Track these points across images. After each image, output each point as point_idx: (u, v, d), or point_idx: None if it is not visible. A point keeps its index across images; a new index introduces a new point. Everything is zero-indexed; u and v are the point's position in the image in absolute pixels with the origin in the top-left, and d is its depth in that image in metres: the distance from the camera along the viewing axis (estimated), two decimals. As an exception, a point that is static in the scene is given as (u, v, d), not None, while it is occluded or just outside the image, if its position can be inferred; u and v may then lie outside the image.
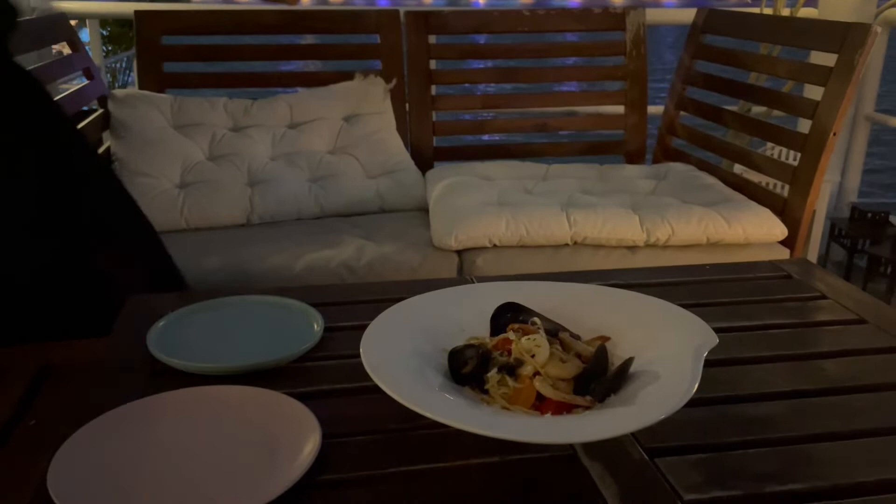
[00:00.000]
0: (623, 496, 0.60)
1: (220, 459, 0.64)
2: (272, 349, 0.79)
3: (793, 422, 0.71)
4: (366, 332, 0.72)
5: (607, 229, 1.65)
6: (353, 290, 0.97)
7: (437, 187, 1.82)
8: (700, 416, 0.71)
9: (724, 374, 0.80)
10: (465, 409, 0.66)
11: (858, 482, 0.62)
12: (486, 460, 0.65)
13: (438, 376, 0.71)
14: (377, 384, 0.64)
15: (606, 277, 0.97)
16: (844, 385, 0.77)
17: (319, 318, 0.86)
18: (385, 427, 0.69)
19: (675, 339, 0.73)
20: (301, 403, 0.68)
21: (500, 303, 0.80)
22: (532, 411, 0.66)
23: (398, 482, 0.63)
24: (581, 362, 0.71)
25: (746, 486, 0.61)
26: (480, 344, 0.74)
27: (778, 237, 1.71)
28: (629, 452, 0.66)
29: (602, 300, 0.83)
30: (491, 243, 1.62)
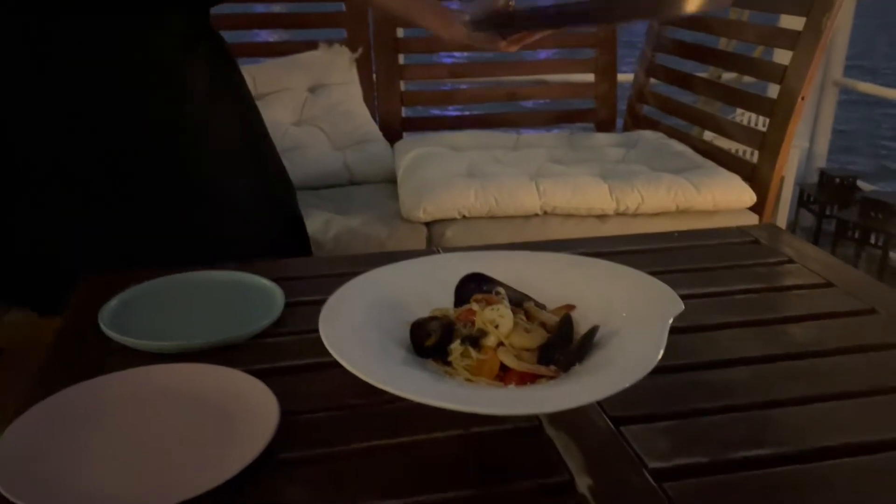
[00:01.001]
0: (588, 465, 0.59)
1: (174, 439, 0.62)
2: (231, 325, 0.77)
3: (759, 387, 0.70)
4: (325, 305, 0.70)
5: (577, 198, 1.64)
6: (316, 264, 0.94)
7: (405, 158, 1.79)
8: (666, 384, 0.70)
9: (690, 340, 0.79)
10: (426, 382, 0.64)
11: (824, 446, 0.62)
12: (450, 433, 0.63)
13: (400, 350, 0.69)
14: (336, 359, 0.62)
15: (574, 246, 0.95)
16: (811, 349, 0.77)
17: (280, 294, 0.83)
18: (345, 403, 0.67)
19: (640, 306, 0.72)
20: (259, 380, 0.66)
21: (464, 273, 0.78)
22: (496, 382, 0.65)
23: (359, 458, 0.61)
24: (546, 332, 0.70)
25: (712, 453, 0.61)
26: (444, 316, 0.72)
27: (747, 203, 1.72)
28: (594, 421, 0.65)
29: (568, 269, 0.82)
30: (460, 215, 1.61)
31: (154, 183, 0.98)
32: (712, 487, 0.57)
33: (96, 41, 0.92)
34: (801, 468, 0.59)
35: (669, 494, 0.56)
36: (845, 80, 2.85)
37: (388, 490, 0.57)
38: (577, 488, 0.57)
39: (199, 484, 0.55)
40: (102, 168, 0.95)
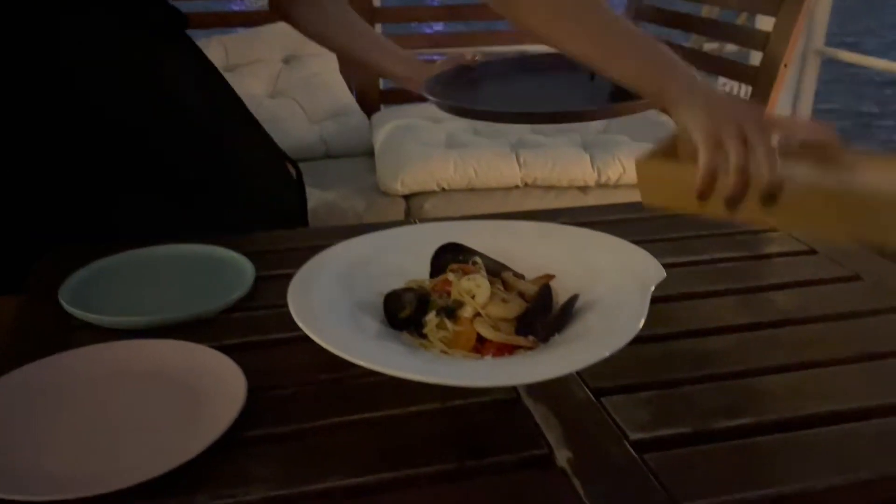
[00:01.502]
0: (567, 437, 0.57)
1: (137, 417, 0.59)
2: (199, 300, 0.74)
3: (742, 355, 0.69)
4: (294, 278, 0.68)
5: (558, 170, 1.62)
6: (288, 236, 0.92)
7: (382, 131, 1.76)
8: (648, 353, 0.69)
9: (673, 309, 0.77)
10: (401, 355, 0.62)
11: (809, 414, 0.61)
12: (425, 407, 0.61)
13: (374, 322, 0.67)
14: (306, 333, 0.60)
15: (554, 216, 0.93)
16: (794, 317, 0.76)
17: (250, 267, 0.81)
18: (317, 378, 0.65)
19: (621, 274, 0.70)
20: (225, 356, 0.64)
21: (440, 243, 0.75)
22: (472, 354, 0.63)
23: (331, 433, 0.59)
24: (524, 302, 0.68)
25: (694, 423, 0.59)
26: (419, 287, 0.70)
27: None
28: (574, 393, 0.63)
29: (547, 238, 0.80)
30: (439, 187, 1.58)
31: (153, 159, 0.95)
32: (694, 458, 0.56)
33: (84, 42, 0.89)
34: (784, 437, 0.58)
35: (651, 466, 0.55)
36: (827, 50, 2.83)
37: (361, 467, 0.55)
38: (556, 461, 0.55)
39: (162, 463, 0.53)
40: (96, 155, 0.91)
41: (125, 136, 0.91)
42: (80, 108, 0.89)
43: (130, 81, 0.92)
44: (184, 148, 0.95)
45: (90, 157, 0.90)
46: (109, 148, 0.90)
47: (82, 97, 0.88)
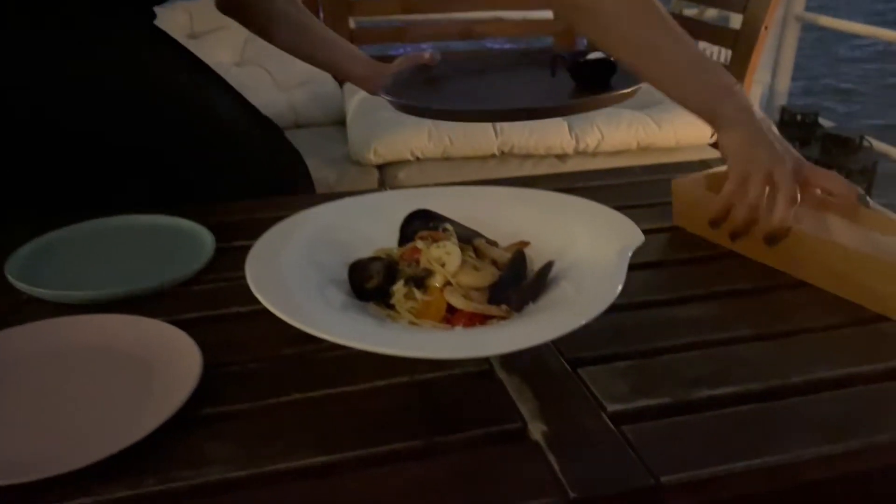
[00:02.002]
0: (542, 410, 0.55)
1: (87, 395, 0.56)
2: (155, 273, 0.70)
3: (723, 323, 0.66)
4: (253, 247, 0.64)
5: (535, 138, 1.58)
6: (251, 206, 0.87)
7: (355, 98, 1.71)
8: (627, 322, 0.66)
9: (652, 276, 0.75)
10: (366, 327, 0.59)
11: (793, 382, 0.58)
12: (393, 381, 0.58)
13: (340, 294, 0.63)
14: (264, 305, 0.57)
15: (531, 184, 0.90)
16: (775, 282, 0.73)
17: (210, 238, 0.77)
18: (279, 352, 0.61)
19: (599, 239, 0.67)
20: (180, 330, 0.60)
21: (410, 211, 0.72)
22: (442, 325, 0.60)
23: (294, 410, 0.56)
24: (497, 270, 0.65)
25: (674, 393, 0.57)
26: (387, 256, 0.67)
27: (708, 139, 1.68)
28: (550, 364, 0.60)
29: (523, 203, 0.77)
30: (413, 156, 1.54)
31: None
32: (674, 429, 0.53)
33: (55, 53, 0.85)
34: (767, 406, 0.56)
35: (629, 438, 0.52)
36: (806, 15, 2.80)
37: (326, 444, 0.52)
38: (530, 435, 0.53)
39: (111, 444, 0.49)
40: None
41: (116, 121, 0.88)
42: (68, 96, 0.85)
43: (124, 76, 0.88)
44: (179, 129, 0.92)
45: (78, 140, 0.86)
46: (101, 135, 0.87)
47: (68, 87, 0.84)
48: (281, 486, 0.49)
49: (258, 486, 0.49)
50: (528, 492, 0.48)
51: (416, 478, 0.49)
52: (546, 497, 0.47)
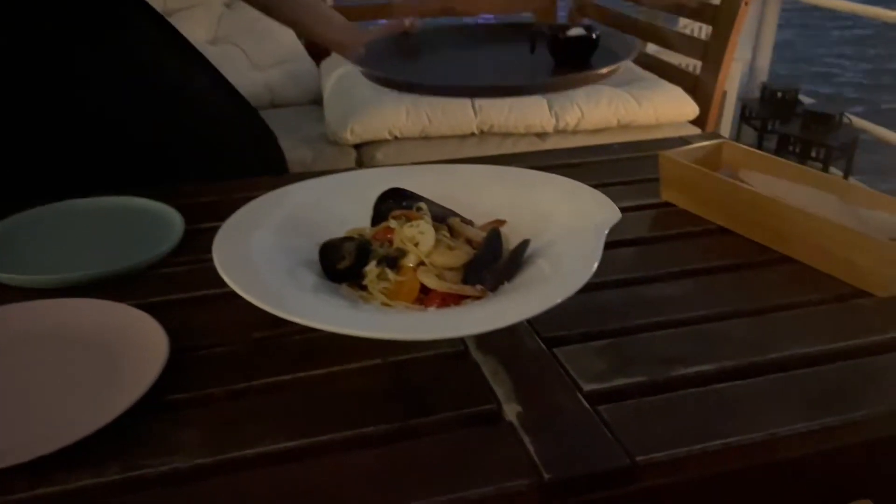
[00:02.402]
0: (517, 391, 0.54)
1: (49, 382, 0.54)
2: (122, 256, 0.68)
3: (701, 300, 0.66)
4: (221, 228, 0.62)
5: (514, 116, 1.57)
6: (223, 186, 0.85)
7: (332, 77, 1.68)
8: (604, 300, 0.65)
9: (634, 253, 0.74)
10: (338, 309, 0.58)
11: (770, 359, 0.58)
12: (366, 363, 0.57)
13: (311, 275, 0.62)
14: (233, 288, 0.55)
15: (509, 162, 0.88)
16: (758, 259, 0.73)
17: (179, 219, 0.75)
18: (249, 336, 0.60)
19: (575, 217, 0.66)
20: (145, 314, 0.59)
21: (383, 189, 0.70)
22: (415, 306, 0.59)
23: (264, 395, 0.54)
24: (472, 249, 0.64)
25: (651, 372, 0.56)
26: (359, 236, 0.65)
27: (689, 116, 1.67)
28: (526, 344, 0.59)
29: (499, 182, 0.75)
30: (391, 135, 1.52)
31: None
32: (650, 408, 0.53)
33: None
34: (745, 383, 0.55)
35: (604, 418, 0.51)
36: (787, -9, 2.79)
37: (297, 429, 0.51)
38: (504, 416, 0.52)
39: (76, 429, 0.48)
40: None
41: (91, 98, 0.85)
42: (46, 73, 0.82)
43: (96, 45, 0.85)
44: (153, 106, 0.90)
45: (57, 121, 0.84)
46: (76, 112, 0.84)
47: (47, 62, 0.82)
48: (250, 473, 0.48)
49: (227, 473, 0.48)
50: (502, 473, 0.47)
51: (388, 462, 0.48)
52: (520, 478, 0.47)
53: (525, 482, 0.46)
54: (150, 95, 0.91)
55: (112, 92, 0.88)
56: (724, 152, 0.86)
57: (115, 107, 0.88)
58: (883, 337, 0.61)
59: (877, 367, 0.58)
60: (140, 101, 0.90)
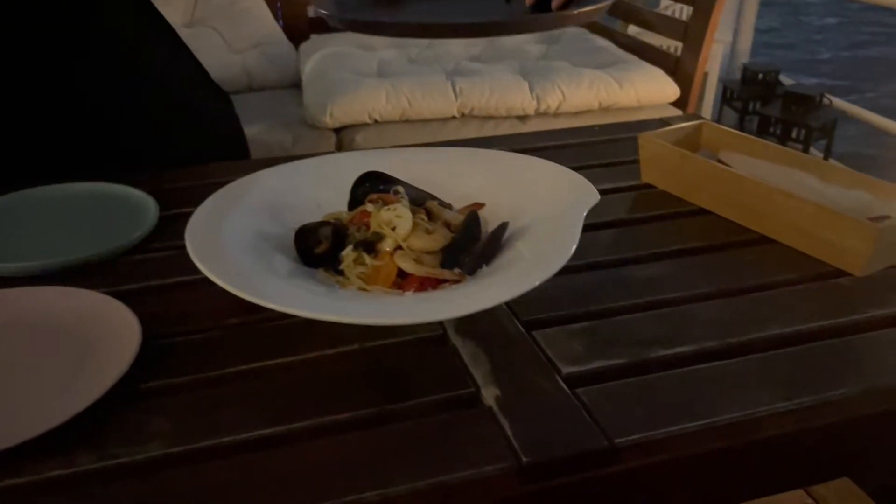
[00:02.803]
0: (496, 375, 0.53)
1: (20, 370, 0.53)
2: (94, 243, 0.67)
3: (681, 282, 0.65)
4: (195, 213, 0.61)
5: (495, 98, 1.56)
6: (198, 171, 0.84)
7: (311, 60, 1.66)
8: (583, 282, 0.65)
9: (614, 235, 0.74)
10: (314, 294, 0.57)
11: (750, 339, 0.58)
12: (344, 349, 0.57)
13: (287, 261, 0.61)
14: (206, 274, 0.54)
15: (489, 144, 0.88)
16: (738, 239, 0.72)
17: (154, 205, 0.74)
18: (225, 322, 0.59)
19: (554, 199, 0.65)
20: (118, 301, 0.58)
21: (361, 173, 0.70)
22: (393, 291, 0.58)
23: (238, 382, 0.54)
24: (450, 232, 0.63)
25: (630, 353, 0.56)
26: (336, 220, 0.64)
27: (670, 98, 1.66)
28: (505, 327, 0.59)
29: (477, 164, 0.75)
30: (371, 118, 1.50)
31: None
32: (629, 390, 0.52)
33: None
34: (724, 364, 0.55)
35: (583, 400, 0.51)
36: (768, -28, 2.78)
37: (272, 416, 0.50)
38: (483, 400, 0.51)
39: (46, 419, 0.47)
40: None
41: (46, 67, 0.83)
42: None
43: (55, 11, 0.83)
44: (111, 78, 0.87)
45: (29, 104, 0.82)
46: (28, 80, 0.82)
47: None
48: (225, 461, 0.47)
49: (201, 461, 0.47)
50: (481, 458, 0.46)
51: (366, 447, 0.48)
52: (498, 462, 0.46)
53: (503, 466, 0.46)
54: (127, 77, 0.89)
55: (87, 74, 0.86)
56: (703, 133, 0.86)
57: (90, 89, 0.86)
58: (861, 316, 0.61)
59: (855, 346, 0.58)
60: (114, 83, 0.88)
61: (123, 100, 0.89)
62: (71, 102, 0.86)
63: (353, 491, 0.44)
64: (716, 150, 0.84)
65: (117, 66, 0.89)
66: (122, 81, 0.89)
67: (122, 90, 0.89)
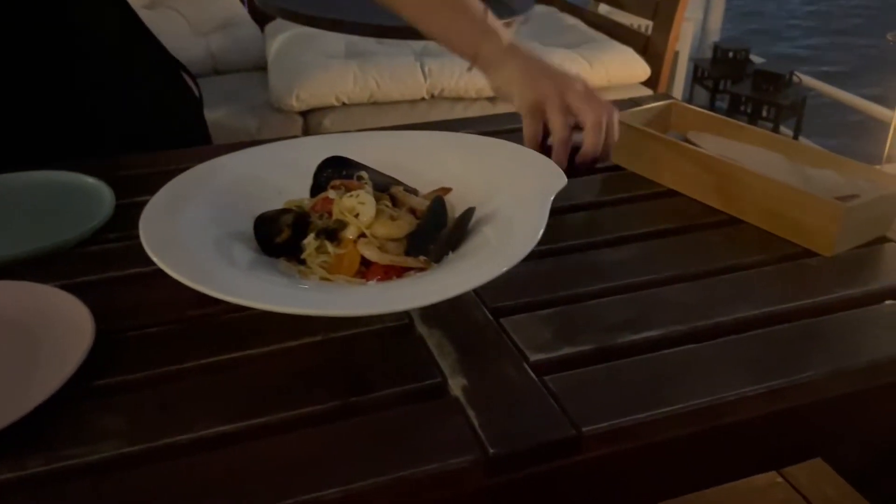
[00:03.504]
0: (463, 364, 0.52)
1: (-33, 373, 0.51)
2: (47, 234, 0.65)
3: (649, 265, 0.65)
4: (149, 202, 0.59)
5: (465, 79, 1.54)
6: (156, 158, 0.82)
7: (276, 41, 1.63)
8: (552, 268, 0.64)
9: (583, 218, 0.73)
10: (273, 285, 0.55)
11: (715, 322, 0.57)
12: (307, 340, 0.55)
13: (248, 251, 0.59)
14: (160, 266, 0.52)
15: (457, 127, 0.86)
16: (707, 220, 0.72)
17: (110, 194, 0.71)
18: (183, 315, 0.57)
19: (521, 183, 0.64)
20: (70, 295, 0.55)
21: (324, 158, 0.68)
22: (356, 280, 0.56)
23: (197, 377, 0.52)
24: (416, 219, 0.62)
25: (599, 339, 0.55)
26: (297, 207, 0.63)
27: (641, 77, 1.65)
28: (472, 315, 0.58)
29: (445, 148, 0.73)
30: (339, 101, 1.48)
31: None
32: (597, 377, 0.52)
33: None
34: (692, 348, 0.55)
35: (551, 388, 0.50)
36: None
37: (231, 412, 0.48)
38: (449, 391, 0.50)
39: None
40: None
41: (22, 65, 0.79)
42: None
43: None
44: (65, 59, 0.84)
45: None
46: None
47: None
48: (183, 460, 0.46)
49: (158, 461, 0.45)
50: (446, 450, 0.45)
51: (328, 443, 0.46)
52: (464, 455, 0.45)
53: (469, 458, 0.45)
54: (81, 57, 0.86)
55: (39, 56, 0.83)
56: (672, 113, 0.85)
57: (42, 72, 0.83)
58: (828, 297, 0.61)
59: (822, 327, 0.58)
60: (66, 65, 0.85)
61: (73, 83, 0.86)
62: (20, 85, 0.82)
63: (313, 489, 0.43)
64: (685, 130, 0.83)
65: (69, 46, 0.85)
66: (74, 62, 0.86)
67: (73, 72, 0.86)
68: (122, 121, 0.87)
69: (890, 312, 0.59)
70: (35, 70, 0.83)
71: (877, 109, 2.44)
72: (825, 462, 0.89)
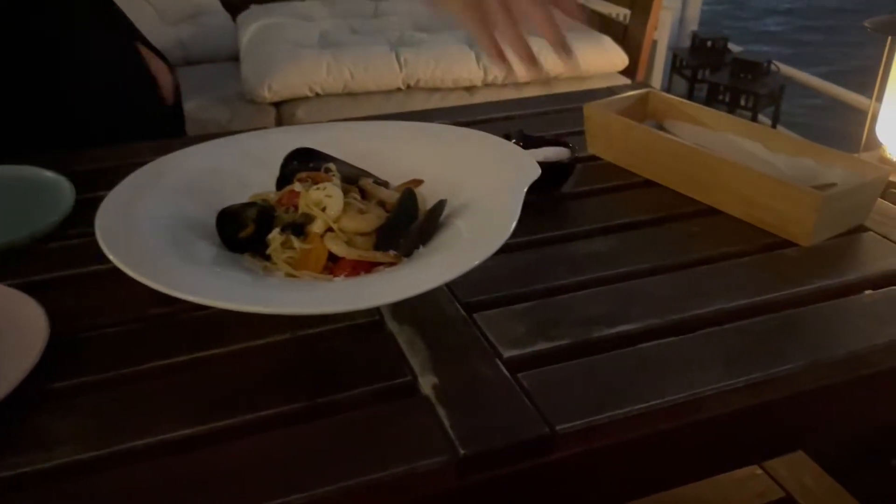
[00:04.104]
0: (434, 362, 0.51)
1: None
2: (1, 230, 0.62)
3: (625, 257, 0.63)
4: (107, 197, 0.57)
5: (441, 69, 1.52)
6: (119, 152, 0.79)
7: (248, 31, 1.60)
8: (526, 261, 0.62)
9: (553, 210, 0.71)
10: (236, 283, 0.53)
11: (692, 315, 0.56)
12: (274, 339, 0.53)
13: (211, 246, 0.57)
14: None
15: (431, 117, 0.84)
16: (683, 211, 0.71)
17: (70, 188, 0.69)
18: (144, 314, 0.55)
19: (494, 174, 0.62)
20: (25, 295, 0.53)
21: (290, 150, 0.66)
22: (323, 276, 0.55)
23: (157, 379, 0.50)
24: (385, 212, 0.60)
25: (574, 334, 0.53)
26: (262, 201, 0.61)
27: (619, 67, 1.64)
28: (444, 311, 0.56)
29: (416, 139, 0.71)
30: (312, 92, 1.45)
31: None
32: (572, 373, 0.50)
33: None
34: (669, 341, 0.53)
35: (524, 386, 0.49)
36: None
37: (195, 414, 0.47)
38: (420, 389, 0.49)
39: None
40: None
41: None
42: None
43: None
44: (35, 46, 0.81)
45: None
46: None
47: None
48: (143, 464, 0.44)
49: (117, 466, 0.44)
50: (416, 452, 0.44)
51: (294, 445, 0.45)
52: (435, 456, 0.44)
53: (439, 460, 0.44)
54: (57, 48, 0.83)
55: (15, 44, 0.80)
56: (650, 103, 0.84)
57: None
58: (806, 288, 0.60)
59: (800, 318, 0.57)
60: (41, 56, 0.82)
61: (45, 75, 0.83)
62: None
63: (278, 494, 0.41)
64: (662, 119, 0.82)
65: (45, 38, 0.82)
66: (49, 53, 0.83)
67: (46, 63, 0.83)
68: (90, 112, 0.85)
69: (869, 302, 0.58)
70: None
71: (853, 97, 2.45)
72: (804, 453, 0.88)
